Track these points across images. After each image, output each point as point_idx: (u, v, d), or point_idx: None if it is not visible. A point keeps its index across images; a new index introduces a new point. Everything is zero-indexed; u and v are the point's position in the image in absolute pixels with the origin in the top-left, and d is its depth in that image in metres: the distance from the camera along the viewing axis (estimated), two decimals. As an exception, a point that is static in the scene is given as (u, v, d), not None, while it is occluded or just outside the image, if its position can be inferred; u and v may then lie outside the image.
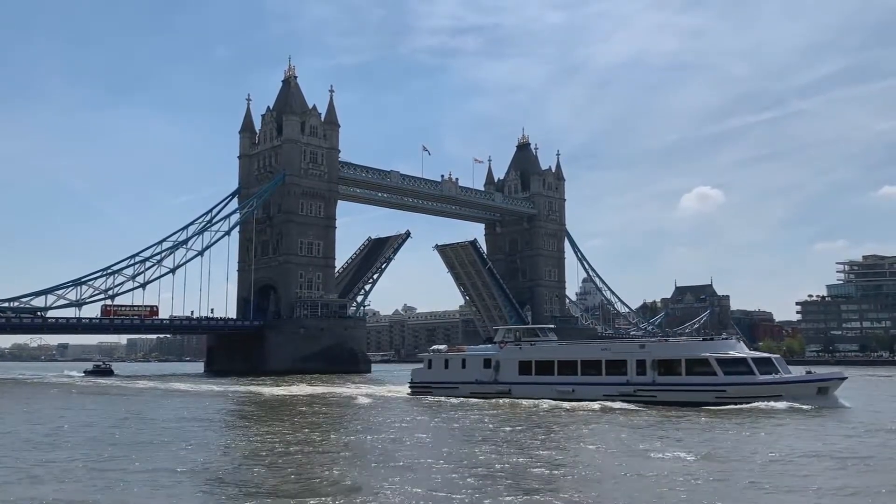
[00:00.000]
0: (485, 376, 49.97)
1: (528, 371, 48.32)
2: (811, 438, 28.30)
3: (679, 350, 44.77)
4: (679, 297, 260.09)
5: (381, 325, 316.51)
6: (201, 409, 45.03)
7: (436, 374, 53.53)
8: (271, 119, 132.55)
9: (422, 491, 17.74)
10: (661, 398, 42.11)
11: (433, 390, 52.19)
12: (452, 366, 52.49)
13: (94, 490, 18.48)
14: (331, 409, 44.70)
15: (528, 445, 26.40)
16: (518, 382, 48.35)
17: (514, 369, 48.90)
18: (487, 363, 50.24)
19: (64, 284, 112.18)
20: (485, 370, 50.06)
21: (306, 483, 19.14)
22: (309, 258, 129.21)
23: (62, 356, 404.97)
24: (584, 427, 32.82)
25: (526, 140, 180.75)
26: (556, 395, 45.45)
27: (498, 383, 49.12)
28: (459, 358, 52.67)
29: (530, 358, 48.81)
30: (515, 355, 49.58)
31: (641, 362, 43.94)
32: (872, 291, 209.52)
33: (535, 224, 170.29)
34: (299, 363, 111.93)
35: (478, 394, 49.30)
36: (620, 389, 43.77)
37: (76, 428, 33.83)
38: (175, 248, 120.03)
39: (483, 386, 49.70)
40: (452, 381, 51.79)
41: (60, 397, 60.52)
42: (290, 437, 29.28)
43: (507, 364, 49.38)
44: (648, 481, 19.44)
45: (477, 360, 51.10)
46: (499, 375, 49.31)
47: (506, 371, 49.19)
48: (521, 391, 47.51)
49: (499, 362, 49.76)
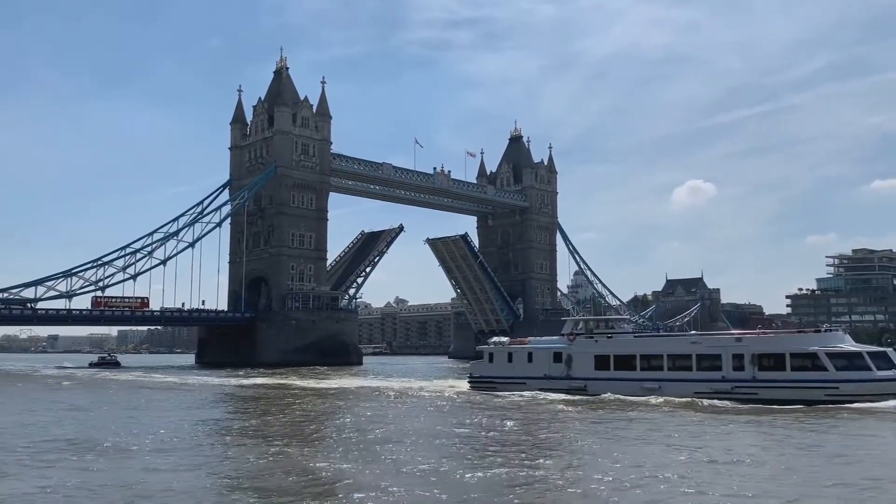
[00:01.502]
0: (555, 371, 46.45)
1: (606, 366, 44.82)
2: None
3: (782, 343, 41.05)
4: (670, 290, 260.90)
5: (372, 317, 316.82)
6: (302, 410, 40.11)
7: (498, 368, 49.51)
8: (263, 110, 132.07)
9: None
10: (763, 396, 38.83)
11: (496, 386, 48.30)
12: (517, 359, 48.68)
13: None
14: (427, 413, 36.87)
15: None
16: (594, 378, 44.77)
17: (588, 364, 45.38)
18: (558, 357, 46.65)
19: (54, 276, 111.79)
20: (555, 364, 46.59)
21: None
22: (300, 250, 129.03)
23: (52, 348, 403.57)
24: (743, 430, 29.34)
25: (518, 133, 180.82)
26: (639, 391, 42.16)
27: (571, 378, 45.61)
28: (525, 351, 48.87)
29: (608, 352, 45.12)
30: (590, 349, 45.83)
31: (738, 357, 40.66)
32: (862, 285, 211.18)
33: (527, 217, 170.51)
34: (290, 355, 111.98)
35: (548, 390, 45.59)
36: (714, 386, 40.51)
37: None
38: (166, 240, 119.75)
39: (554, 381, 46.07)
40: (518, 377, 47.94)
41: (126, 394, 53.24)
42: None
43: (581, 358, 45.76)
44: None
45: (546, 354, 47.45)
46: (571, 370, 45.84)
47: (580, 365, 45.72)
48: (598, 387, 44.04)
49: (571, 356, 46.17)
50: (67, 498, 16.82)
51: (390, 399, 45.26)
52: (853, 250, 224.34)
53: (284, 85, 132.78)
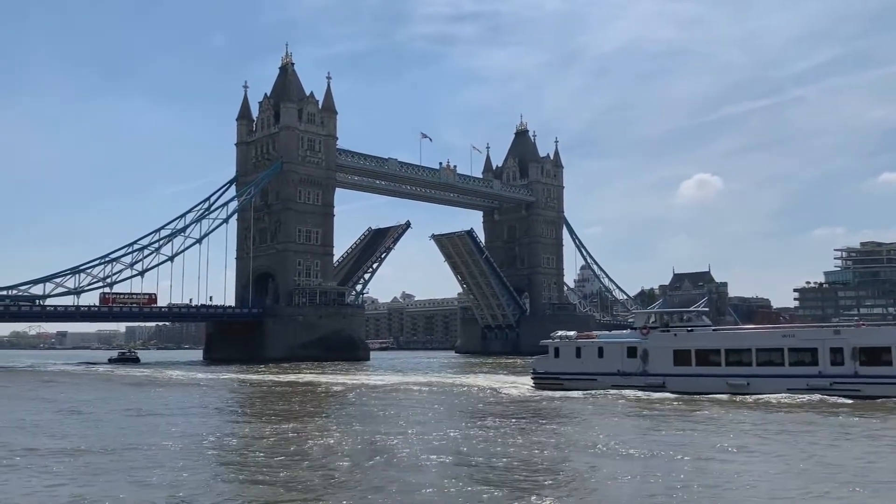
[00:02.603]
0: (629, 367, 43.83)
1: (687, 361, 42.20)
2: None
3: (887, 336, 38.94)
4: (677, 284, 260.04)
5: (379, 312, 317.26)
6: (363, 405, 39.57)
7: (565, 363, 46.63)
8: (268, 106, 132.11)
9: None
10: (867, 392, 36.77)
11: (564, 383, 45.74)
12: (586, 355, 45.92)
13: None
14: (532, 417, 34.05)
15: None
16: (674, 374, 42.24)
17: (667, 359, 42.78)
18: (632, 352, 44.03)
19: (62, 272, 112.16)
20: (629, 360, 43.99)
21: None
22: (307, 246, 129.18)
23: (61, 344, 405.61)
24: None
25: (524, 127, 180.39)
26: (725, 388, 39.96)
27: (647, 375, 43.07)
28: (595, 346, 46.08)
29: (688, 346, 42.52)
30: (669, 343, 43.20)
31: (837, 350, 38.58)
32: (870, 278, 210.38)
33: (533, 211, 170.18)
34: (297, 350, 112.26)
35: (622, 387, 43.23)
36: (810, 382, 38.46)
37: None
38: (173, 236, 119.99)
39: (628, 378, 43.53)
40: (588, 373, 45.28)
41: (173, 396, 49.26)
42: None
43: (658, 353, 43.15)
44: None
45: (618, 349, 44.85)
46: (647, 366, 43.27)
47: (657, 361, 43.08)
48: (678, 384, 41.58)
49: (647, 351, 43.49)
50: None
51: (485, 398, 41.95)
52: (861, 243, 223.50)
53: (290, 81, 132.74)
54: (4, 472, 19.49)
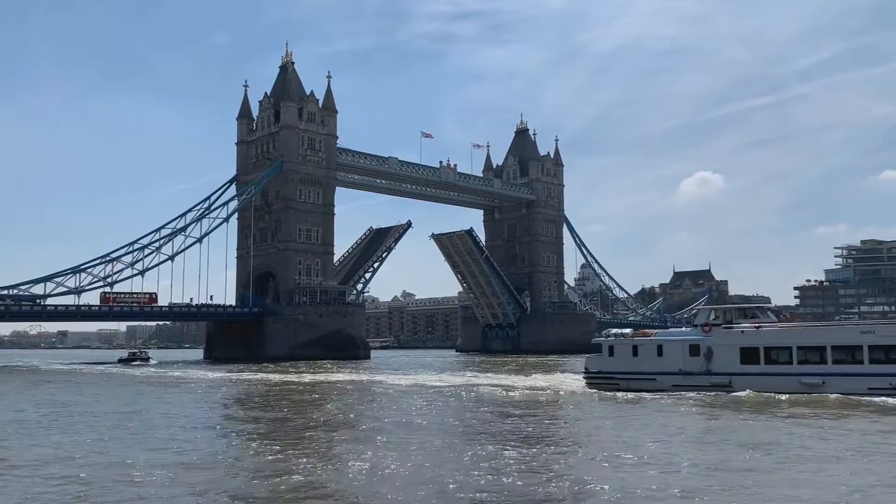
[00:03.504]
0: (692, 365, 41.48)
1: (755, 359, 39.90)
2: None
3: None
4: (677, 282, 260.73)
5: (380, 311, 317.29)
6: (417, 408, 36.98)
7: (621, 362, 44.11)
8: (269, 105, 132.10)
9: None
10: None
11: (619, 383, 43.42)
12: (644, 353, 43.44)
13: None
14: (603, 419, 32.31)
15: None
16: (741, 373, 39.90)
17: (733, 357, 40.40)
18: (695, 350, 41.59)
19: (63, 272, 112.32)
20: (691, 358, 41.60)
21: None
22: (308, 245, 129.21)
23: (62, 343, 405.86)
24: None
25: (524, 126, 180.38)
26: (798, 387, 37.89)
27: (712, 374, 40.79)
28: (653, 344, 43.59)
29: (756, 343, 40.20)
30: (735, 340, 40.79)
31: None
32: (870, 276, 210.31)
33: (533, 210, 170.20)
34: (298, 349, 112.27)
35: (683, 387, 40.86)
36: (894, 381, 36.28)
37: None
38: (173, 236, 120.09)
39: (690, 378, 41.22)
40: (646, 372, 42.88)
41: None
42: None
43: (724, 351, 40.75)
44: None
45: (679, 347, 42.39)
46: (712, 364, 40.90)
47: (722, 359, 40.68)
48: (746, 383, 39.33)
49: (711, 348, 41.10)
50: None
51: (543, 404, 38.19)
52: (862, 241, 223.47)
53: (290, 80, 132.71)
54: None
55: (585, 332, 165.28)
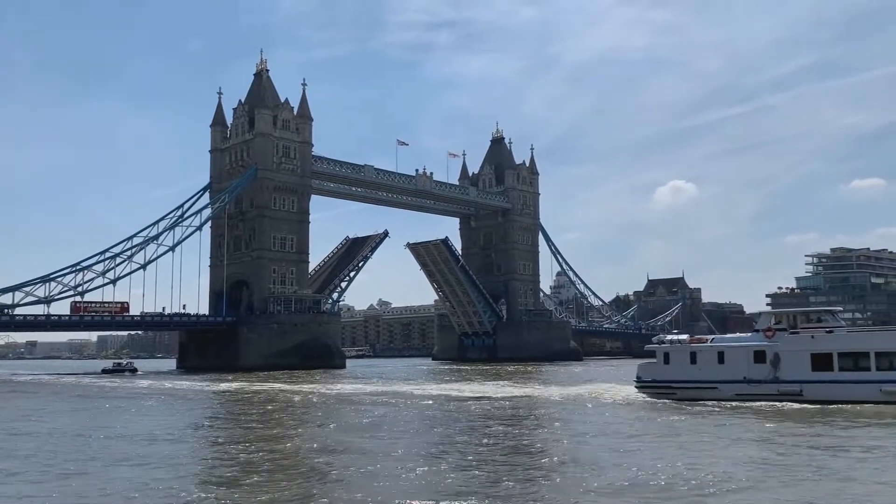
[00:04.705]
0: (757, 373, 38.84)
1: (828, 366, 37.34)
2: None
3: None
4: (651, 290, 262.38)
5: (355, 320, 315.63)
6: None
7: (678, 370, 41.47)
8: (243, 113, 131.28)
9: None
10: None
11: (676, 392, 40.86)
12: (703, 360, 40.74)
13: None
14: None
15: None
16: (813, 381, 37.33)
17: (803, 364, 37.81)
18: (760, 356, 38.90)
19: (32, 281, 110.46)
20: (756, 365, 38.95)
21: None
22: (282, 253, 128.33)
23: (31, 354, 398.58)
24: None
25: (500, 134, 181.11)
26: (877, 396, 35.27)
27: (780, 382, 38.15)
28: (714, 350, 40.82)
29: (830, 349, 37.63)
30: (805, 345, 38.15)
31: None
32: (840, 283, 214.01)
33: (509, 218, 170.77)
34: (273, 359, 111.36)
35: (747, 396, 38.30)
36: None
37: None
38: (146, 244, 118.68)
39: (756, 386, 38.61)
40: (706, 381, 40.21)
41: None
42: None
43: (793, 357, 38.13)
44: None
45: (744, 353, 39.61)
46: (779, 372, 38.31)
47: (791, 366, 38.08)
48: (818, 392, 36.79)
49: (778, 354, 38.44)
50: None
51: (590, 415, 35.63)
52: (831, 249, 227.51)
53: (265, 87, 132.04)
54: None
55: (561, 340, 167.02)
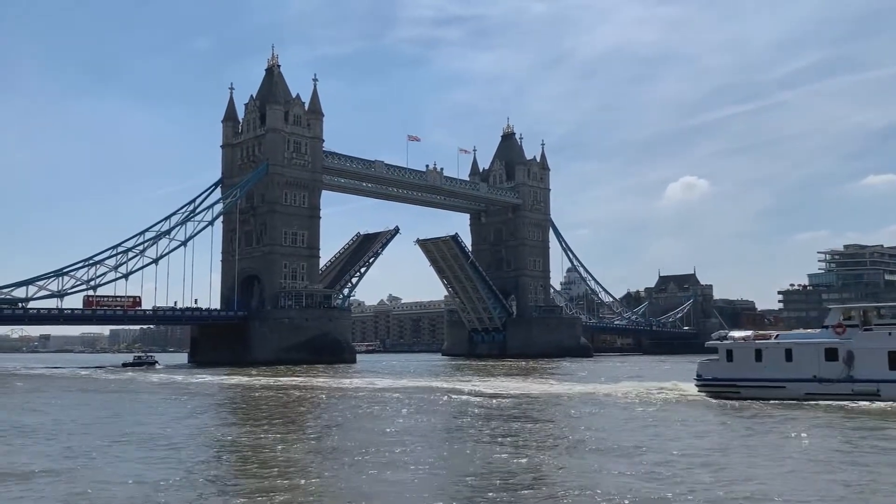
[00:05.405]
0: (829, 372, 36.91)
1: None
2: None
3: None
4: (662, 286, 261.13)
5: (365, 315, 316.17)
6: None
7: (741, 368, 39.33)
8: (254, 108, 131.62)
9: None
10: None
11: (740, 391, 38.86)
12: (769, 358, 38.63)
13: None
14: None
15: None
16: (891, 380, 35.49)
17: (880, 362, 35.88)
18: (832, 353, 37.02)
19: (45, 275, 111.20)
20: (828, 363, 37.00)
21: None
22: (293, 248, 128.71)
23: (44, 347, 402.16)
24: None
25: (510, 130, 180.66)
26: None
27: (854, 381, 36.25)
28: (781, 347, 38.68)
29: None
30: (882, 342, 36.17)
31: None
32: (853, 280, 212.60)
33: (519, 214, 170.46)
34: (283, 353, 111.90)
35: (819, 395, 36.49)
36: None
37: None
38: (158, 239, 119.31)
39: (828, 385, 36.71)
40: (773, 379, 38.14)
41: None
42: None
43: (868, 355, 36.24)
44: None
45: (814, 350, 37.65)
46: (854, 370, 36.40)
47: (867, 364, 36.14)
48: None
49: (851, 352, 36.53)
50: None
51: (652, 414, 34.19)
52: (844, 245, 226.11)
53: (276, 83, 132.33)
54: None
55: (571, 336, 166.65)
